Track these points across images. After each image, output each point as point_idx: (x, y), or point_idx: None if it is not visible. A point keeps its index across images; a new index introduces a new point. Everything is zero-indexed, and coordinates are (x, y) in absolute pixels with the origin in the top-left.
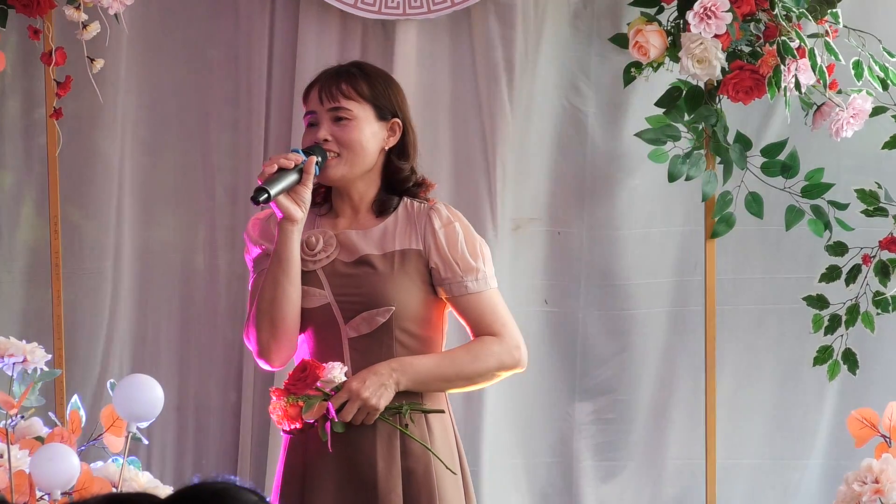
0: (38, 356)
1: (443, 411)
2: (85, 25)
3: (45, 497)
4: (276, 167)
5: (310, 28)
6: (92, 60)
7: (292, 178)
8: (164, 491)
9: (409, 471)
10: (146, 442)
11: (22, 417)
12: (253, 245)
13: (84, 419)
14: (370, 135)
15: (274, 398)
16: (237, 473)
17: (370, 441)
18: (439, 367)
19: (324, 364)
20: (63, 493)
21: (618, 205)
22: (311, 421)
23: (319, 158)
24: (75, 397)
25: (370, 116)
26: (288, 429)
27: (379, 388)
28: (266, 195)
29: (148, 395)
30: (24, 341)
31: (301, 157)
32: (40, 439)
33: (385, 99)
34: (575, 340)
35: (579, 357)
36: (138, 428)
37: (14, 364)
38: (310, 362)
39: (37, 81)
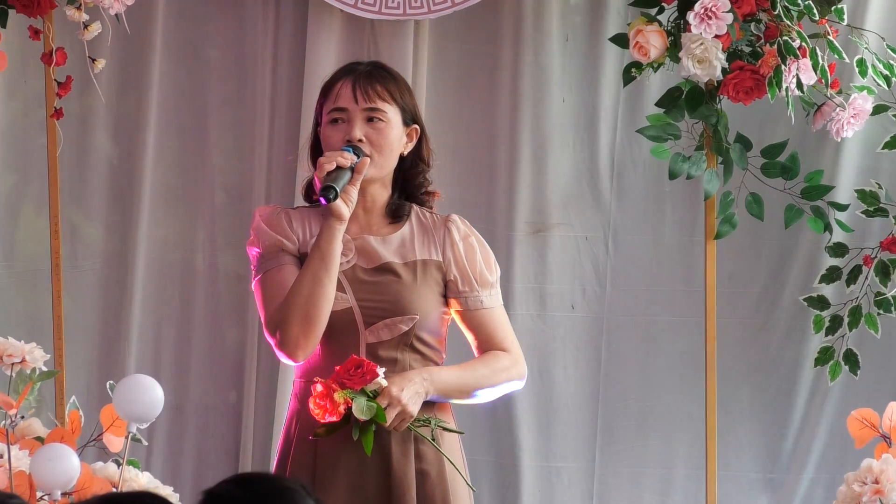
0: (37, 356)
1: (463, 433)
2: (86, 25)
3: (45, 497)
4: (334, 165)
5: (319, 29)
6: (93, 61)
7: (347, 176)
8: (164, 491)
9: (423, 473)
10: (146, 443)
11: (22, 417)
12: (261, 238)
13: (83, 419)
14: (397, 139)
15: (320, 388)
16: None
17: (385, 443)
18: (462, 379)
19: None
20: (63, 493)
21: (644, 211)
22: (363, 419)
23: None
24: (74, 397)
25: (398, 120)
26: (325, 420)
27: (414, 396)
28: (335, 192)
29: (148, 395)
30: (22, 341)
31: (354, 157)
32: (40, 439)
33: (409, 104)
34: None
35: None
36: (138, 428)
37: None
38: (364, 360)
39: (37, 81)
